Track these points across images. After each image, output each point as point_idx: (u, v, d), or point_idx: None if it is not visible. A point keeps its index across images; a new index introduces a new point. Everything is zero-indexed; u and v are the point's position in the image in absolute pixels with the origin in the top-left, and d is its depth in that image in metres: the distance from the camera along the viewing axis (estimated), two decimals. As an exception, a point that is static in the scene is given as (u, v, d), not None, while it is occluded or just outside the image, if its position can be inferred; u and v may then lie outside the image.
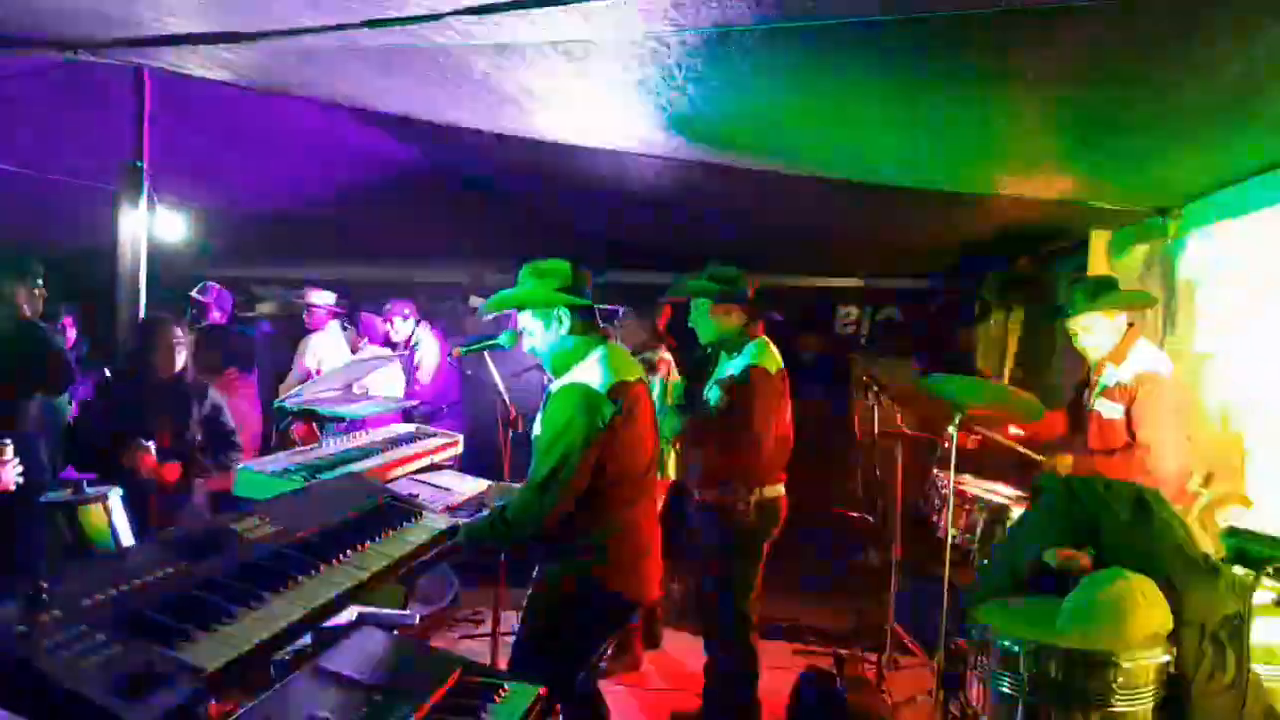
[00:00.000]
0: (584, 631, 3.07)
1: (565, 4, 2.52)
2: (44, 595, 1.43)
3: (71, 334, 6.75)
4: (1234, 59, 2.74)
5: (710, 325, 4.14)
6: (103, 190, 5.07)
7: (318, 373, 5.94)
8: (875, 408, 5.23)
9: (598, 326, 3.13)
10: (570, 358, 3.04)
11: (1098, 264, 5.50)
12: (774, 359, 4.12)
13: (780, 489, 4.16)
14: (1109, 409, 3.95)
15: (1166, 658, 2.72)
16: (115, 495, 2.40)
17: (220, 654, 1.52)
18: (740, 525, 4.00)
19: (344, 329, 6.86)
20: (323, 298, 6.60)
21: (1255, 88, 2.94)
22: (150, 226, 4.84)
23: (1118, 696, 2.65)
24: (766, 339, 4.18)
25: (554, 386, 3.03)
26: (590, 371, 2.97)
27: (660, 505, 3.94)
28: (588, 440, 2.86)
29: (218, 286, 6.28)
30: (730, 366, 4.12)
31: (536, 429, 3.07)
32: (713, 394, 4.10)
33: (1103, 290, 4.06)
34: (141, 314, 4.72)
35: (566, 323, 3.03)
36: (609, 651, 3.59)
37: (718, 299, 4.11)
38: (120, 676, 1.35)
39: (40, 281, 4.62)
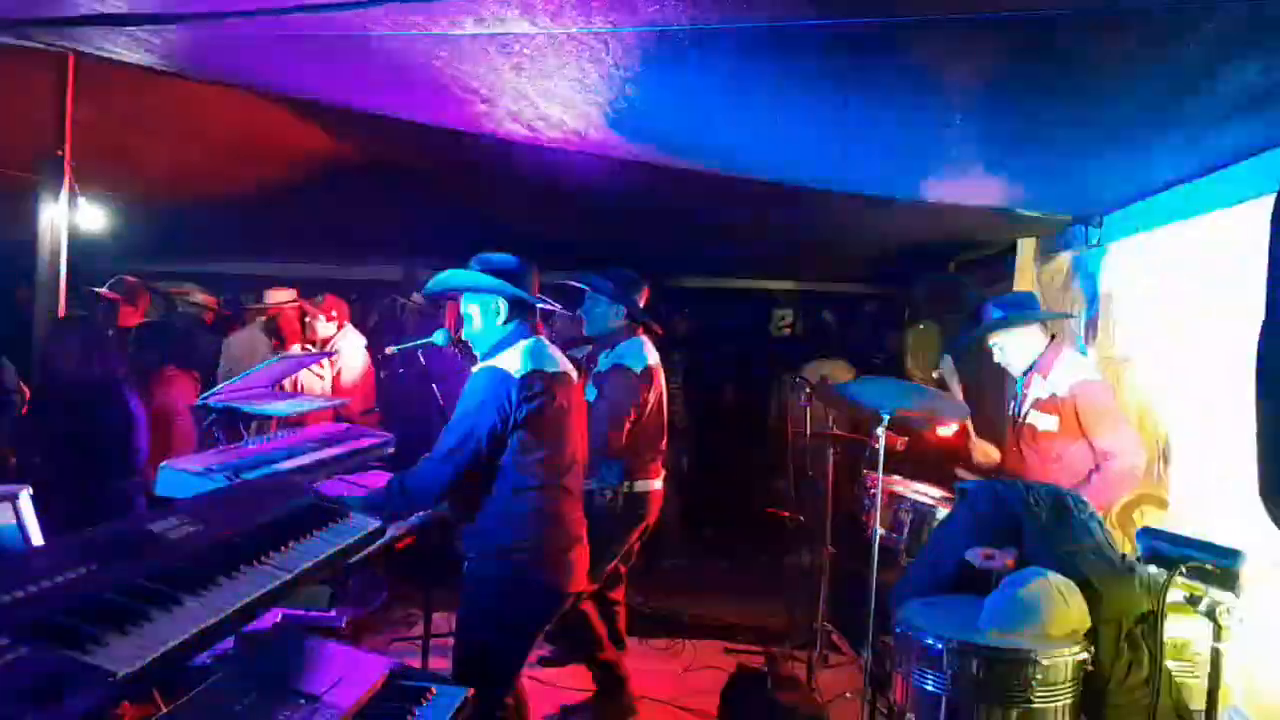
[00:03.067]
0: (521, 624, 3.14)
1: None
2: (-57, 598, 1.38)
3: None
4: (1151, 72, 2.82)
5: (597, 320, 4.36)
6: (19, 180, 4.90)
7: None
8: (807, 409, 5.30)
9: (534, 321, 3.23)
10: (499, 345, 3.14)
11: (1024, 271, 5.62)
12: (642, 360, 4.29)
13: (654, 484, 4.34)
14: (1044, 421, 4.01)
15: (1084, 655, 2.79)
16: (25, 495, 2.31)
17: (134, 658, 1.46)
18: (605, 516, 4.13)
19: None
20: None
21: (1172, 101, 3.04)
22: (71, 219, 4.69)
23: (1037, 693, 2.71)
24: (644, 340, 4.37)
25: (474, 368, 3.14)
26: (511, 358, 3.07)
27: None
28: (495, 420, 2.97)
29: (132, 280, 6.03)
30: (603, 363, 4.31)
31: None
32: (589, 391, 4.26)
33: (1014, 309, 4.15)
34: (62, 311, 4.56)
35: (504, 313, 3.14)
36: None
37: (611, 296, 4.30)
38: (25, 682, 1.30)
39: None
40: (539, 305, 3.26)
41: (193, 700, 2.22)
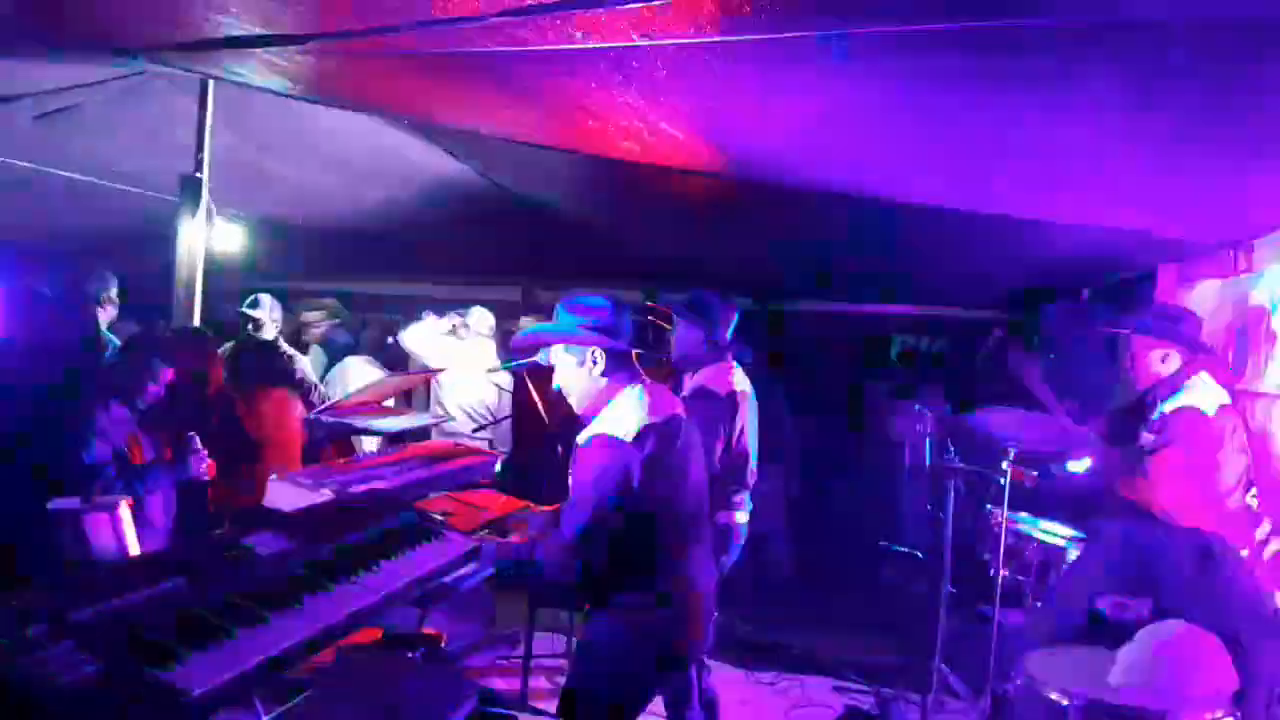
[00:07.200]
0: (640, 687, 2.98)
1: (608, 6, 2.44)
2: (30, 609, 1.38)
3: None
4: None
5: (682, 343, 4.31)
6: (161, 200, 5.14)
7: None
8: (927, 439, 5.08)
9: (635, 367, 2.98)
10: (599, 401, 2.91)
11: (1166, 299, 5.29)
12: (727, 384, 4.19)
13: (736, 515, 4.17)
14: (1150, 442, 3.76)
15: (1230, 718, 2.54)
16: (123, 505, 2.36)
17: (211, 675, 1.45)
18: None
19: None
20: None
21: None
22: (209, 238, 4.88)
23: (1175, 759, 2.48)
24: (731, 365, 4.26)
25: (582, 437, 2.89)
26: (618, 418, 2.82)
27: None
28: (618, 494, 2.74)
29: (270, 298, 6.22)
30: (688, 387, 4.23)
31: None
32: None
33: (1145, 321, 3.91)
34: (196, 325, 4.75)
35: (601, 364, 2.89)
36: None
37: (690, 321, 4.24)
38: (98, 697, 1.29)
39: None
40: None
41: (287, 713, 2.22)
